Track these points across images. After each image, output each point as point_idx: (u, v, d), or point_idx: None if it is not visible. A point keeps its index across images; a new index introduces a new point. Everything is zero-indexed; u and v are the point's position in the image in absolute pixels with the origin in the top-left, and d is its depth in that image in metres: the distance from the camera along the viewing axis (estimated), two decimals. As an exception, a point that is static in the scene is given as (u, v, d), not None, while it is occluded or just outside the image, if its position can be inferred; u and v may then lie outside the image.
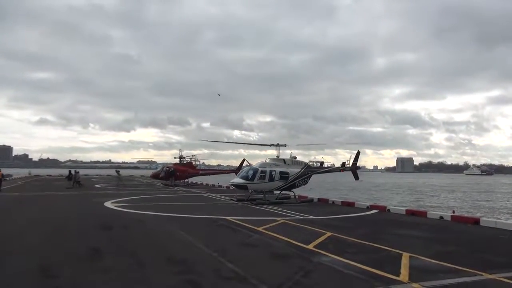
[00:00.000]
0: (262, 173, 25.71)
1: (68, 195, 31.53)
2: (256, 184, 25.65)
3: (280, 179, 26.43)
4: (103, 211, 21.09)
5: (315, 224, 16.55)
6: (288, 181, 26.88)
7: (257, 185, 25.70)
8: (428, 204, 42.83)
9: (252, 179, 25.44)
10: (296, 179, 27.44)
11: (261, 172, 25.69)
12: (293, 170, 27.34)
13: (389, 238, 13.58)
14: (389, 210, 22.82)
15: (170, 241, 12.81)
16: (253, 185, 25.65)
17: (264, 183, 25.76)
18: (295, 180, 27.40)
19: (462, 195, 60.27)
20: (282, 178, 26.52)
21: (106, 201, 25.61)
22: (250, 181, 25.46)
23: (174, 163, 52.85)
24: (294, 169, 27.48)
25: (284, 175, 26.61)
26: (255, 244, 12.34)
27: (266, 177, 25.77)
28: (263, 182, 25.68)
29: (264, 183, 25.80)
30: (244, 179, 25.73)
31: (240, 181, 25.90)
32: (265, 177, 25.75)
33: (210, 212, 20.79)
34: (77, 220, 17.52)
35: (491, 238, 14.55)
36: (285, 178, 26.68)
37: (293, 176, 27.19)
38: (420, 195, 59.74)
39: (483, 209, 39.42)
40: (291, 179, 27.04)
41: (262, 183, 25.71)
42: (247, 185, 25.65)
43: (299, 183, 27.90)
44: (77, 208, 22.47)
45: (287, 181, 26.82)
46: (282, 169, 26.80)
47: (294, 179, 27.30)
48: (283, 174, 26.60)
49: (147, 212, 20.31)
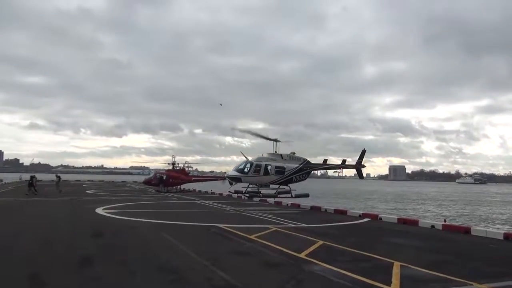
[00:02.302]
0: (257, 166, 25.88)
1: (58, 201, 31.22)
2: (250, 177, 25.79)
3: (276, 174, 26.49)
4: (94, 217, 20.89)
5: (307, 232, 16.53)
6: (284, 176, 26.89)
7: (251, 178, 25.84)
8: (421, 212, 43.04)
9: (247, 172, 25.60)
10: (292, 174, 27.44)
11: (256, 166, 25.86)
12: (290, 166, 27.34)
13: (380, 247, 13.60)
14: (381, 219, 22.88)
15: (162, 249, 12.72)
16: (248, 178, 25.80)
17: (258, 176, 25.87)
18: (292, 175, 27.41)
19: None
20: (278, 172, 26.55)
21: (98, 207, 25.39)
22: (245, 174, 25.57)
23: (167, 169, 52.66)
24: (291, 165, 27.48)
25: (280, 169, 26.65)
26: (247, 252, 12.29)
27: (261, 170, 25.86)
28: (257, 175, 25.80)
29: (259, 177, 25.89)
30: (239, 172, 25.95)
31: (234, 174, 26.08)
32: (259, 171, 25.84)
33: (203, 219, 20.69)
34: (67, 227, 17.35)
35: (481, 247, 14.63)
36: (281, 172, 26.70)
37: (290, 171, 27.21)
38: (414, 204, 59.99)
39: (475, 218, 39.69)
40: (287, 174, 27.07)
41: (256, 176, 25.84)
42: (241, 177, 25.84)
43: (296, 178, 27.87)
44: (68, 215, 22.27)
45: (283, 176, 26.85)
46: (278, 163, 26.87)
47: (291, 174, 27.32)
48: (279, 168, 26.64)
49: (138, 219, 20.16)
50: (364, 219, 23.13)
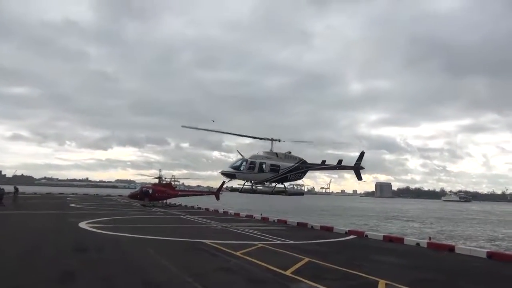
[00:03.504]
0: (251, 163, 26.16)
1: (41, 215, 30.61)
2: (245, 174, 26.13)
3: (271, 171, 26.78)
4: (77, 232, 20.50)
5: (293, 249, 16.48)
6: (278, 174, 27.12)
7: (245, 174, 26.18)
8: (406, 229, 43.27)
9: (241, 169, 25.90)
10: (287, 172, 27.70)
11: (250, 163, 26.15)
12: (285, 164, 27.60)
13: (366, 265, 13.62)
14: (367, 236, 22.95)
15: (146, 265, 12.51)
16: (242, 174, 26.16)
17: (253, 173, 26.18)
18: (287, 173, 27.68)
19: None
20: (273, 170, 26.85)
21: (81, 221, 24.94)
22: (239, 171, 25.91)
23: (153, 183, 52.14)
24: (287, 163, 27.73)
25: (274, 167, 26.95)
26: (232, 269, 12.18)
27: (255, 168, 26.15)
28: (252, 172, 26.12)
29: (253, 174, 26.22)
30: (233, 168, 26.24)
31: (229, 170, 26.39)
32: (254, 168, 26.12)
33: (188, 235, 20.49)
34: (49, 242, 16.99)
35: (465, 266, 14.77)
36: (276, 170, 26.98)
37: (285, 169, 27.49)
38: (399, 221, 60.28)
39: (459, 236, 40.02)
40: (282, 172, 27.33)
41: (251, 173, 26.17)
42: (235, 174, 26.16)
43: (292, 177, 28.14)
44: (50, 229, 21.80)
45: (277, 174, 27.10)
46: (273, 162, 27.12)
47: (286, 172, 27.59)
48: (274, 166, 26.95)
49: (123, 233, 19.84)
50: (350, 236, 23.16)
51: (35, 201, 45.05)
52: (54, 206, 41.72)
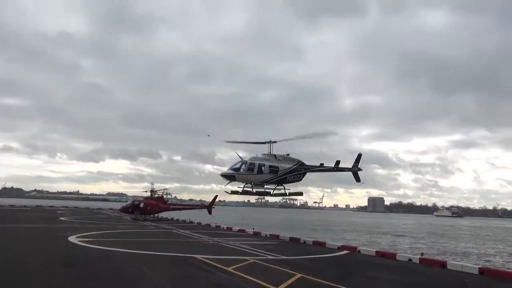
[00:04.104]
0: (250, 165, 26.47)
1: (30, 228, 30.16)
2: (244, 175, 26.37)
3: (270, 173, 27.11)
4: (66, 246, 20.19)
5: (285, 265, 16.37)
6: (277, 175, 27.50)
7: (245, 176, 26.42)
8: (398, 244, 43.21)
9: (241, 171, 26.24)
10: (286, 174, 27.98)
11: (249, 164, 26.47)
12: (284, 166, 27.97)
13: (358, 281, 13.57)
14: (359, 251, 22.88)
15: (136, 280, 12.35)
16: (241, 176, 26.39)
17: (252, 174, 26.48)
18: (286, 175, 27.96)
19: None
20: (272, 172, 27.20)
21: (71, 235, 24.59)
22: (238, 172, 26.24)
23: (145, 197, 51.71)
24: (285, 165, 28.11)
25: (273, 169, 27.29)
26: (223, 285, 12.05)
27: (254, 169, 26.46)
28: (251, 173, 26.42)
29: (252, 175, 26.52)
30: (233, 170, 26.48)
31: (229, 172, 26.57)
32: (253, 169, 26.44)
33: (180, 249, 20.27)
34: (37, 256, 16.71)
35: (457, 282, 14.76)
36: (275, 172, 27.34)
37: (283, 171, 27.81)
38: (391, 236, 60.23)
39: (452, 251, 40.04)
40: (281, 174, 27.67)
41: (250, 175, 26.45)
42: (235, 175, 26.34)
43: (291, 178, 28.41)
44: (38, 243, 21.46)
45: (276, 175, 27.47)
46: (272, 163, 27.50)
47: (284, 174, 27.87)
48: (273, 168, 27.29)
49: (113, 248, 19.58)
50: (343, 251, 23.08)
51: (24, 214, 44.42)
52: (43, 219, 41.11)
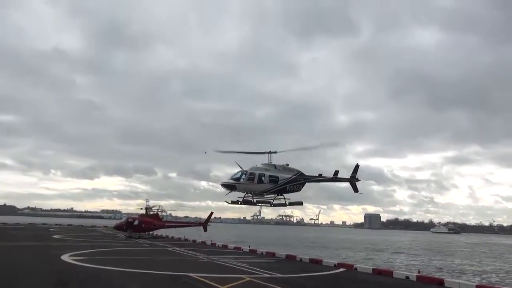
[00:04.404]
0: (251, 175, 26.55)
1: (22, 247, 29.72)
2: (245, 185, 26.40)
3: (270, 182, 27.18)
4: (59, 265, 19.86)
5: (281, 283, 16.17)
6: (277, 185, 27.56)
7: (245, 185, 26.45)
8: (397, 262, 42.90)
9: (241, 180, 26.29)
10: (286, 184, 28.04)
11: (250, 174, 26.54)
12: (283, 175, 28.04)
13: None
14: (356, 269, 22.68)
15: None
16: (242, 185, 26.39)
17: (252, 184, 26.54)
18: (285, 184, 28.03)
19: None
20: (272, 181, 27.28)
21: (64, 254, 24.22)
22: (239, 182, 26.28)
23: (140, 214, 51.26)
24: (285, 175, 28.17)
25: (273, 178, 27.38)
26: (219, 305, 11.85)
27: (255, 179, 26.54)
28: (251, 183, 26.48)
29: (253, 185, 26.57)
30: (234, 180, 26.50)
31: (229, 181, 26.56)
32: (253, 179, 26.51)
33: (174, 268, 20.01)
34: (28, 276, 16.40)
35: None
36: (275, 181, 27.42)
37: (283, 180, 27.87)
38: (388, 253, 59.84)
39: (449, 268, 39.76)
40: (281, 183, 27.74)
41: (250, 184, 26.50)
42: (235, 185, 26.33)
43: (290, 188, 28.46)
44: (30, 262, 21.11)
45: (276, 185, 27.53)
46: (272, 173, 27.59)
47: (284, 183, 27.94)
48: (273, 178, 27.38)
49: (107, 267, 19.28)
50: (340, 269, 22.87)
51: (16, 232, 43.81)
52: (36, 237, 40.54)
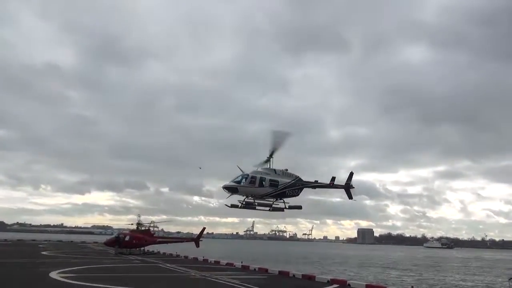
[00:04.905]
0: (252, 178, 27.07)
1: (9, 264, 29.10)
2: (246, 188, 26.95)
3: (270, 186, 27.71)
4: (46, 283, 19.46)
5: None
6: (277, 189, 28.07)
7: (246, 188, 26.99)
8: (390, 277, 42.70)
9: (243, 183, 26.84)
10: (285, 188, 28.53)
11: (251, 177, 27.06)
12: (283, 180, 28.57)
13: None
14: (349, 285, 22.50)
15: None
16: (243, 188, 26.95)
17: (253, 187, 27.08)
18: (285, 189, 28.53)
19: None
20: (272, 185, 27.81)
21: (52, 271, 23.75)
22: (240, 185, 26.81)
23: (131, 230, 50.62)
24: (284, 179, 28.70)
25: (274, 183, 27.93)
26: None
27: (256, 182, 27.08)
28: (253, 186, 27.03)
29: (254, 188, 27.11)
30: (235, 183, 27.01)
31: (231, 184, 27.05)
32: (255, 182, 27.06)
33: (165, 285, 19.71)
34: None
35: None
36: (275, 185, 27.97)
37: (283, 185, 28.38)
38: (382, 268, 59.61)
39: (443, 284, 39.62)
40: (281, 187, 28.26)
41: (251, 187, 27.05)
42: (237, 187, 26.90)
43: (289, 192, 28.93)
44: (16, 280, 20.63)
45: (276, 189, 28.05)
46: (272, 177, 28.12)
47: (284, 188, 28.44)
48: (273, 182, 27.93)
49: (96, 284, 18.95)
50: (333, 285, 22.69)
51: (3, 249, 42.95)
52: (24, 254, 39.79)
